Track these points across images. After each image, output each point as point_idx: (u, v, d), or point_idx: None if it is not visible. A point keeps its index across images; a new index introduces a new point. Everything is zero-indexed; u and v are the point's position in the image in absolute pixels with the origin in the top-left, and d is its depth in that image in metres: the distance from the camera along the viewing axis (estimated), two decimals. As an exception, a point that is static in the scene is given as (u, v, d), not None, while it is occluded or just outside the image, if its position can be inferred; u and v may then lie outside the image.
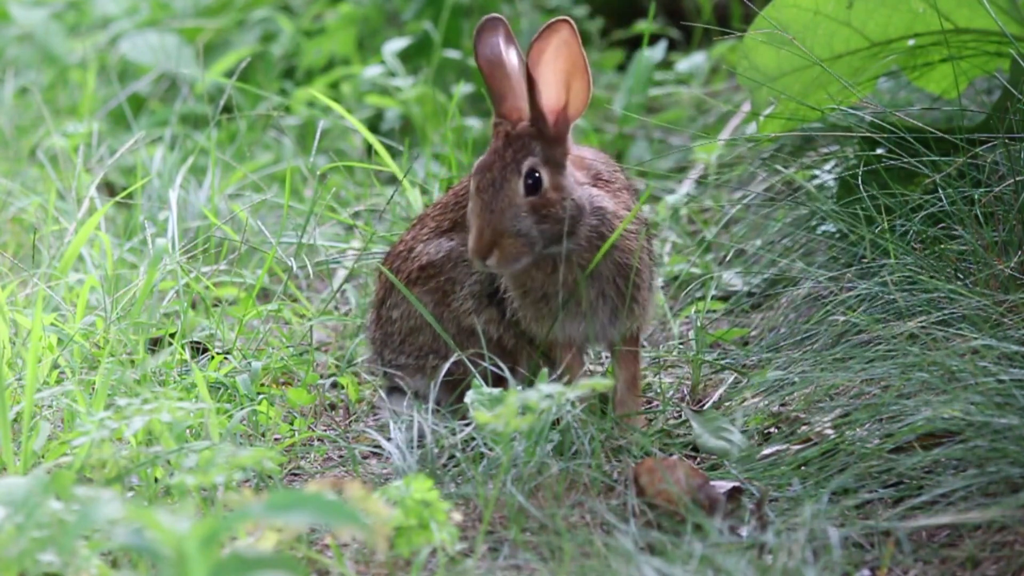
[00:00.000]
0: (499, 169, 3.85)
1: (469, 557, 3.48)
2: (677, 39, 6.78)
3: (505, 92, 3.90)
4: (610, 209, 3.93)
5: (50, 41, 7.06)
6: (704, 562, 3.34)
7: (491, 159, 3.86)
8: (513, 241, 3.83)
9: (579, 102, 3.88)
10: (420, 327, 4.07)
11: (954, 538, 3.50)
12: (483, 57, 3.91)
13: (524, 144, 3.86)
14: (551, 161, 3.87)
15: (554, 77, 3.85)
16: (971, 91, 4.78)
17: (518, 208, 3.84)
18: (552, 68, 3.84)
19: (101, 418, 3.52)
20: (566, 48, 3.83)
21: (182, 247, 4.69)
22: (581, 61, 3.85)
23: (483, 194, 3.84)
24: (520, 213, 3.84)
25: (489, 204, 3.83)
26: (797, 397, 4.02)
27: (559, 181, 3.87)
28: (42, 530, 3.12)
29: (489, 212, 3.82)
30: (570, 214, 3.86)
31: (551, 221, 3.85)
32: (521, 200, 3.84)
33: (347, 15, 6.63)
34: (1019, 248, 4.11)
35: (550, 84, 3.85)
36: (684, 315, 4.68)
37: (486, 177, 3.85)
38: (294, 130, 6.15)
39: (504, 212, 3.83)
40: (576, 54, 3.84)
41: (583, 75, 3.86)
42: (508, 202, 3.83)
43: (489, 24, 3.94)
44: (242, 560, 2.79)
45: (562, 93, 3.87)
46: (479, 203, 3.84)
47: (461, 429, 3.78)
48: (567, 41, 3.83)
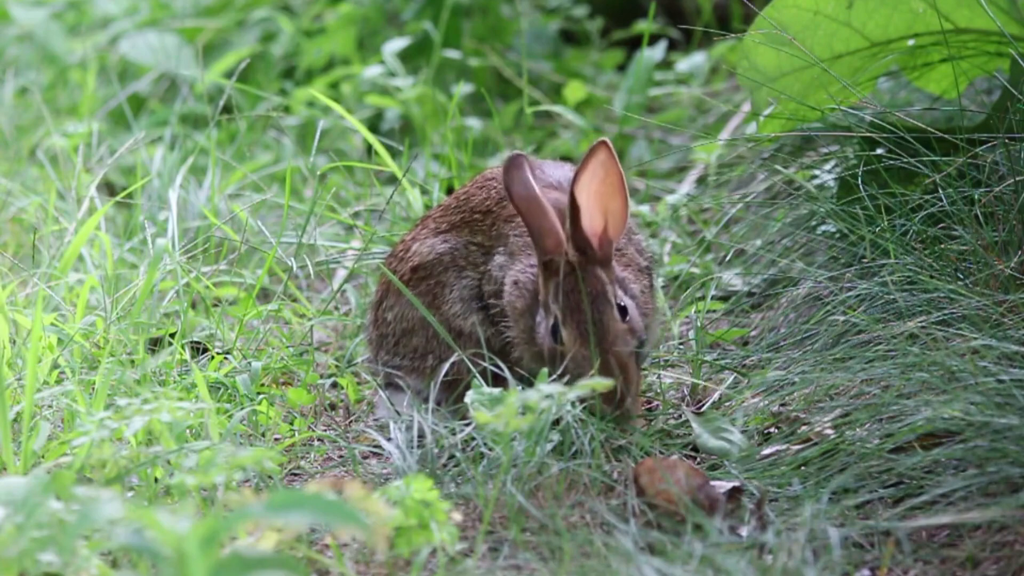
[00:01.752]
0: (591, 305, 3.81)
1: (469, 557, 3.48)
2: (677, 39, 6.77)
3: (545, 227, 3.85)
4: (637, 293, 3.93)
5: (50, 41, 7.05)
6: (704, 562, 3.34)
7: (576, 300, 3.80)
8: (633, 364, 3.83)
9: (619, 222, 3.86)
10: (414, 328, 4.06)
11: (954, 538, 3.50)
12: (518, 196, 3.86)
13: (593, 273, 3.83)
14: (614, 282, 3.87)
15: (590, 201, 3.83)
16: (971, 91, 4.78)
17: (622, 335, 3.82)
18: (588, 193, 3.82)
19: (101, 418, 3.52)
20: (603, 169, 3.81)
21: (182, 247, 4.70)
22: (619, 181, 3.83)
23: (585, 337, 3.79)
24: (626, 339, 3.83)
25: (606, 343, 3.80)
26: (797, 397, 4.02)
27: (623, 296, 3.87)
28: (42, 530, 3.12)
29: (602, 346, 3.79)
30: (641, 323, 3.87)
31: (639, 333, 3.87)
32: (621, 327, 3.83)
33: (347, 15, 6.63)
34: (1019, 248, 4.11)
35: (588, 209, 3.83)
36: (684, 315, 4.68)
37: (584, 320, 3.80)
38: (294, 130, 6.15)
39: (618, 344, 3.81)
40: (614, 174, 3.82)
41: (619, 193, 3.84)
42: (614, 333, 3.81)
43: (515, 163, 3.88)
44: (242, 560, 2.79)
45: (600, 216, 3.84)
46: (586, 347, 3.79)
47: (461, 429, 3.78)
48: (604, 163, 3.81)
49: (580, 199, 3.82)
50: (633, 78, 6.00)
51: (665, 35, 6.63)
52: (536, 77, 6.50)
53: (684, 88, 6.24)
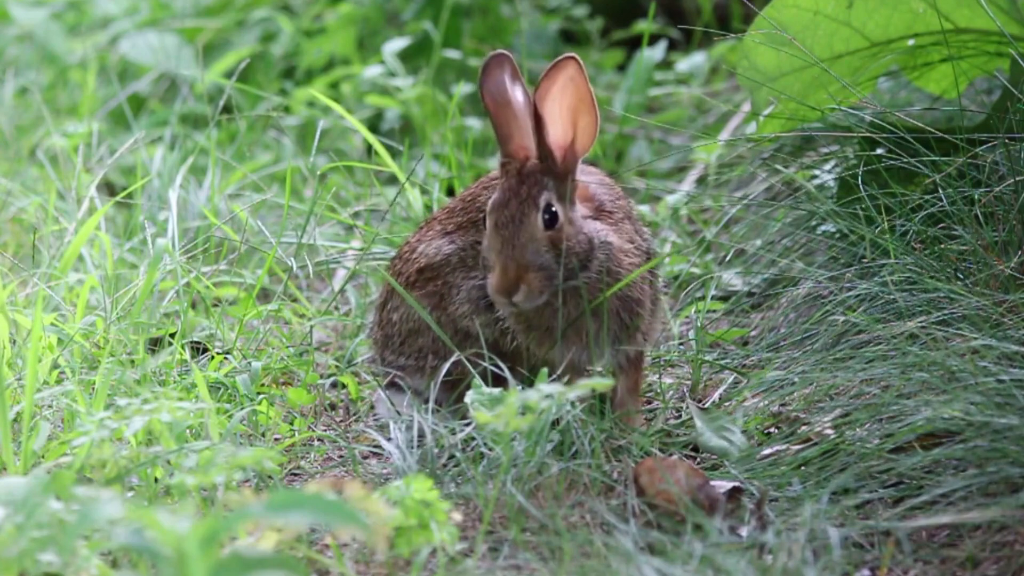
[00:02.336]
0: (516, 205, 3.84)
1: (469, 557, 3.48)
2: (677, 39, 6.77)
3: (512, 131, 3.89)
4: (615, 244, 3.93)
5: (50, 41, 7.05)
6: (704, 562, 3.34)
7: (506, 196, 3.85)
8: (537, 275, 3.82)
9: (587, 137, 3.87)
10: (419, 329, 4.07)
11: (954, 538, 3.50)
12: (489, 95, 3.90)
13: (537, 180, 3.85)
14: (562, 196, 3.87)
15: (561, 114, 3.85)
16: (971, 91, 4.78)
17: (539, 243, 3.83)
18: (559, 105, 3.84)
19: (101, 418, 3.52)
20: (572, 85, 3.83)
21: (182, 247, 4.70)
22: (588, 97, 3.84)
23: (503, 231, 3.83)
24: (541, 248, 3.83)
25: (511, 240, 3.82)
26: (797, 397, 4.02)
27: (571, 216, 3.87)
28: (42, 530, 3.12)
29: (512, 248, 3.82)
30: (582, 248, 3.86)
31: (568, 255, 3.85)
32: (541, 235, 3.83)
33: (347, 15, 6.63)
34: (1019, 248, 4.11)
35: (557, 121, 3.85)
36: (684, 315, 4.68)
37: (504, 213, 3.84)
38: (294, 130, 6.15)
39: (527, 247, 3.82)
40: (583, 90, 3.83)
41: (590, 111, 3.86)
42: (529, 237, 3.82)
43: (495, 61, 3.92)
44: (242, 560, 2.79)
45: (569, 129, 3.86)
46: (499, 239, 3.83)
47: (461, 429, 3.78)
48: (573, 78, 3.82)
49: (547, 110, 3.83)
50: (633, 78, 6.00)
51: (665, 35, 6.63)
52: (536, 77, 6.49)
53: (684, 88, 6.24)
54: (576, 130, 3.87)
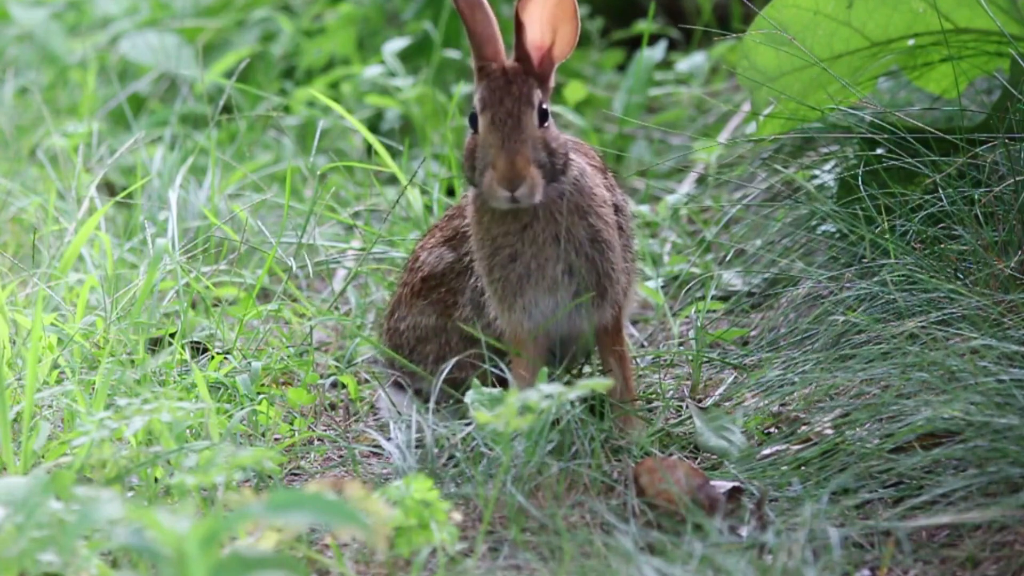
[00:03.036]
0: (511, 102, 3.82)
1: (469, 557, 3.48)
2: (677, 39, 6.77)
3: (487, 34, 3.89)
4: (588, 169, 3.94)
5: (50, 41, 7.05)
6: (704, 562, 3.34)
7: (498, 94, 3.83)
8: (537, 171, 3.81)
9: (565, 43, 3.88)
10: (427, 337, 4.07)
11: (954, 538, 3.50)
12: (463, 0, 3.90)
13: (525, 80, 3.85)
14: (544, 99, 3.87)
15: (541, 17, 3.85)
16: (971, 91, 4.78)
17: (536, 140, 3.82)
18: (541, 9, 3.84)
19: (101, 418, 3.52)
20: None
21: (182, 247, 4.69)
22: (571, 6, 3.85)
23: (502, 127, 3.81)
24: (538, 144, 3.83)
25: (512, 135, 3.80)
26: (797, 397, 4.02)
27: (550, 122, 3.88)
28: (42, 530, 3.12)
29: (516, 142, 3.79)
30: (563, 151, 3.86)
31: (556, 156, 3.84)
32: (537, 132, 3.83)
33: (347, 15, 6.63)
34: (1019, 248, 4.11)
35: (536, 24, 3.85)
36: (684, 315, 4.68)
37: (501, 109, 3.82)
38: (294, 130, 6.15)
39: (527, 142, 3.80)
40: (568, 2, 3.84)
41: (571, 18, 3.86)
42: (529, 133, 3.81)
43: None
44: (242, 560, 2.79)
45: (548, 33, 3.86)
46: (500, 135, 3.80)
47: (461, 429, 3.78)
48: None
49: (528, 13, 3.84)
50: (633, 78, 6.00)
51: (665, 35, 6.63)
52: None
53: (684, 88, 6.24)
54: (556, 36, 3.86)
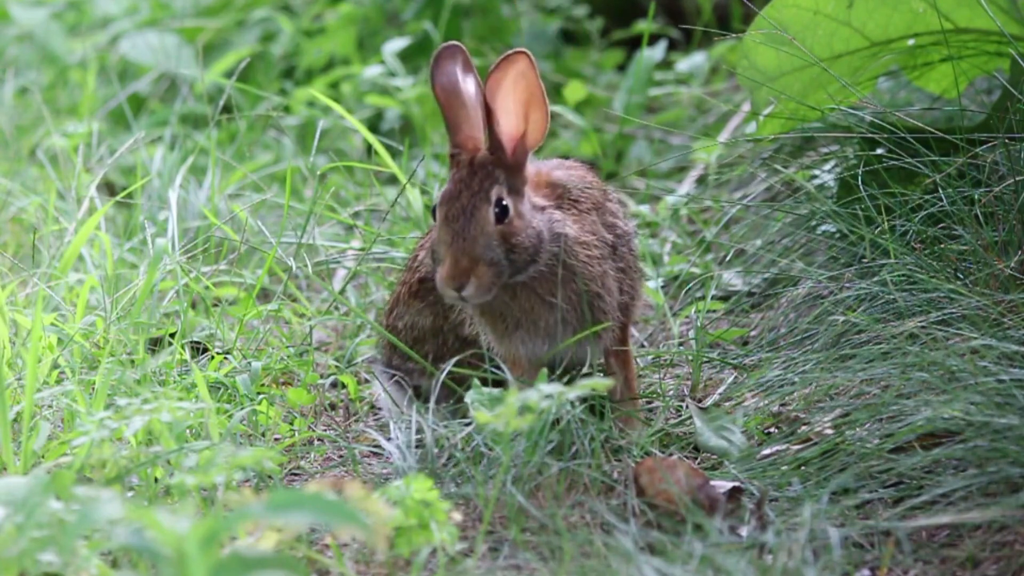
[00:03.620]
0: (468, 197, 3.81)
1: (469, 557, 3.48)
2: (677, 39, 6.77)
3: (461, 121, 3.87)
4: (571, 235, 3.90)
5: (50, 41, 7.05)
6: (704, 562, 3.34)
7: (457, 188, 3.83)
8: (487, 270, 3.79)
9: (537, 131, 3.85)
10: (424, 336, 4.07)
11: (954, 538, 3.50)
12: (440, 85, 3.87)
13: (489, 172, 3.83)
14: (512, 189, 3.84)
15: (513, 106, 3.83)
16: (971, 91, 4.78)
17: (489, 237, 3.80)
18: (511, 98, 3.82)
19: (101, 418, 3.52)
20: (524, 79, 3.81)
21: (182, 247, 4.69)
22: (539, 92, 3.82)
23: (453, 223, 3.80)
24: (492, 242, 3.80)
25: (461, 233, 3.79)
26: (797, 397, 4.02)
27: (520, 209, 3.85)
28: (42, 530, 3.12)
29: (462, 240, 3.79)
30: (532, 242, 3.84)
31: (517, 250, 3.82)
32: (492, 229, 3.80)
33: (347, 15, 6.63)
34: (1019, 248, 4.11)
35: (509, 113, 3.83)
36: (684, 315, 4.68)
37: (455, 206, 3.81)
38: (294, 130, 6.15)
39: (477, 240, 3.79)
40: (534, 85, 3.81)
41: (541, 105, 3.83)
42: (480, 230, 3.79)
43: (447, 52, 3.89)
44: (242, 560, 2.79)
45: (521, 122, 3.84)
46: (450, 232, 3.80)
47: (461, 429, 3.78)
48: (524, 72, 3.80)
49: (498, 101, 3.82)
50: (633, 78, 6.00)
51: (665, 35, 6.63)
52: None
53: (684, 88, 6.24)
54: (528, 123, 3.85)
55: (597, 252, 3.93)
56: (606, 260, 3.96)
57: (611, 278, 3.96)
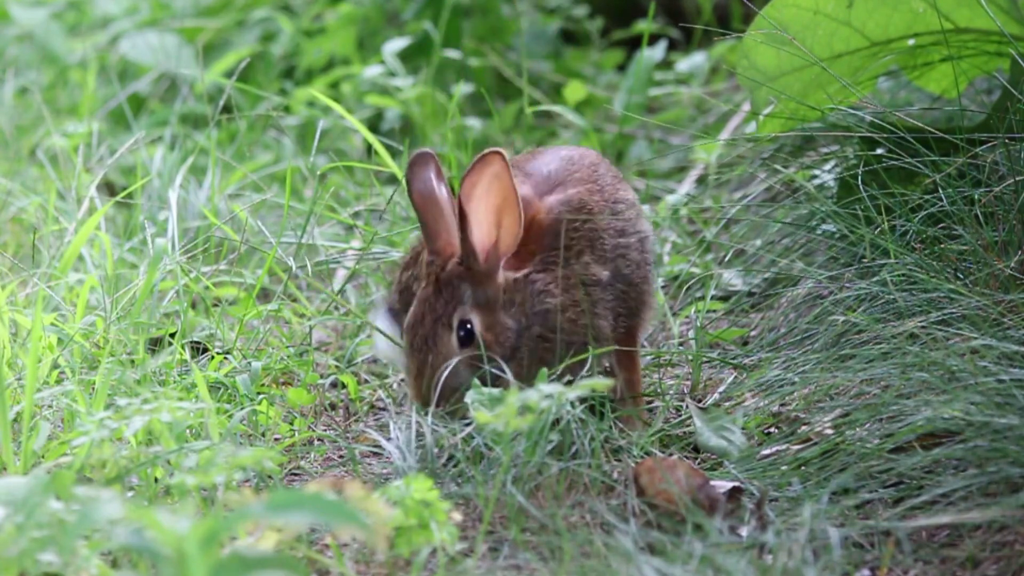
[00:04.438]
0: (431, 324, 3.79)
1: (469, 557, 3.48)
2: (677, 39, 6.78)
3: (439, 229, 3.83)
4: (552, 307, 3.86)
5: (50, 41, 7.05)
6: (704, 562, 3.34)
7: (421, 312, 3.80)
8: (454, 393, 3.78)
9: (510, 238, 3.81)
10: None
11: (954, 538, 3.50)
12: (417, 192, 3.84)
13: (454, 291, 3.80)
14: (483, 303, 3.81)
15: (485, 213, 3.78)
16: (971, 91, 4.78)
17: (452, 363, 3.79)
18: (484, 204, 3.77)
19: (101, 418, 3.52)
20: (498, 182, 3.76)
21: (182, 247, 4.69)
22: (512, 195, 3.77)
23: (417, 353, 3.79)
24: (457, 368, 3.78)
25: (425, 363, 3.78)
26: (797, 397, 4.02)
27: (494, 320, 3.81)
28: (42, 530, 3.12)
29: (427, 370, 3.78)
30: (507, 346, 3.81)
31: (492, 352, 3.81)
32: (455, 354, 3.79)
33: (347, 15, 6.63)
34: (1019, 248, 4.11)
35: (481, 221, 3.78)
36: (684, 315, 4.68)
37: (418, 334, 3.80)
38: (294, 130, 6.15)
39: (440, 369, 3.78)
40: (507, 187, 3.76)
41: (514, 209, 3.78)
42: (443, 359, 3.78)
43: (420, 159, 3.85)
44: (242, 560, 2.79)
45: (493, 229, 3.79)
46: (415, 363, 3.79)
47: (461, 429, 3.78)
48: (499, 174, 3.75)
49: (472, 209, 3.77)
50: (633, 78, 6.00)
51: (665, 35, 6.63)
52: (536, 77, 6.50)
53: (684, 88, 6.24)
54: (500, 230, 3.80)
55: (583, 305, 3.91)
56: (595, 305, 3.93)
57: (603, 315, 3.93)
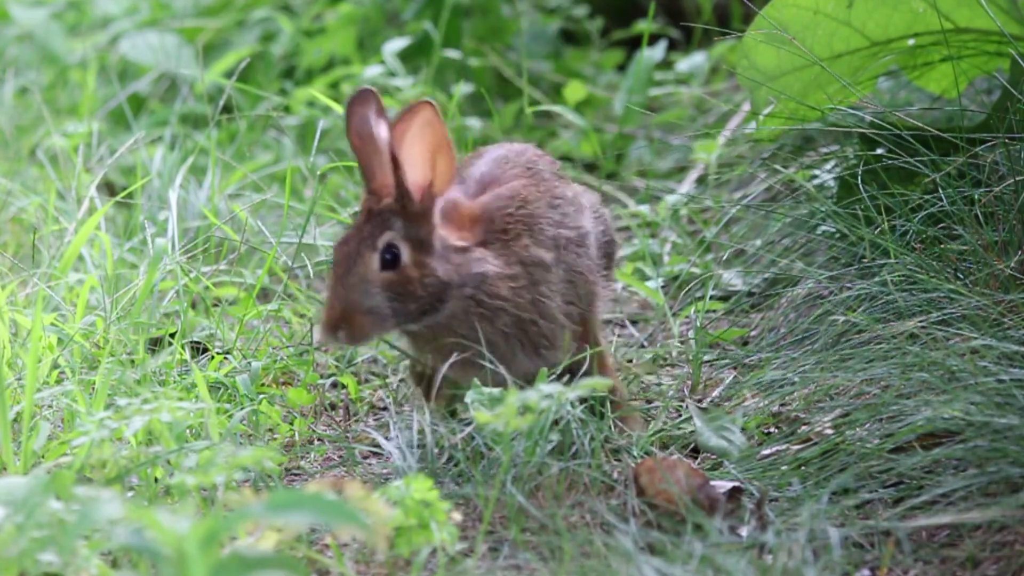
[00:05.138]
0: (355, 244, 3.79)
1: (469, 557, 3.48)
2: (677, 39, 6.78)
3: (375, 168, 3.83)
4: (491, 273, 3.86)
5: (50, 41, 7.05)
6: (704, 562, 3.34)
7: (349, 234, 3.82)
8: (363, 318, 3.77)
9: (444, 179, 3.83)
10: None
11: (954, 538, 3.50)
12: (354, 131, 3.84)
13: (384, 220, 3.80)
14: (415, 238, 3.81)
15: (419, 156, 3.80)
16: (971, 91, 4.78)
17: (370, 284, 3.77)
18: (417, 147, 3.79)
19: (101, 418, 3.52)
20: (429, 128, 3.78)
21: (182, 247, 4.70)
22: (445, 140, 3.79)
23: (337, 268, 3.79)
24: (371, 289, 3.78)
25: (341, 279, 3.78)
26: (797, 397, 4.02)
27: (422, 259, 3.81)
28: (42, 530, 3.12)
29: (340, 287, 3.78)
30: (431, 291, 3.81)
31: (408, 298, 3.80)
32: (375, 276, 3.78)
33: (347, 15, 6.64)
34: (1019, 248, 4.11)
35: (415, 162, 3.80)
36: (684, 315, 4.68)
37: (342, 251, 3.80)
38: (294, 130, 6.15)
39: (355, 288, 3.77)
40: (440, 133, 3.79)
41: (447, 153, 3.80)
42: (360, 278, 3.77)
43: (360, 97, 3.84)
44: (242, 560, 2.79)
45: (427, 170, 3.81)
46: (333, 277, 3.80)
47: (461, 429, 3.78)
48: (430, 121, 3.77)
49: (404, 151, 3.79)
50: (633, 78, 6.00)
51: (665, 35, 6.63)
52: (536, 77, 6.50)
53: (684, 88, 6.24)
54: (435, 172, 3.82)
55: (525, 280, 3.92)
56: (539, 284, 3.94)
57: (548, 298, 3.93)
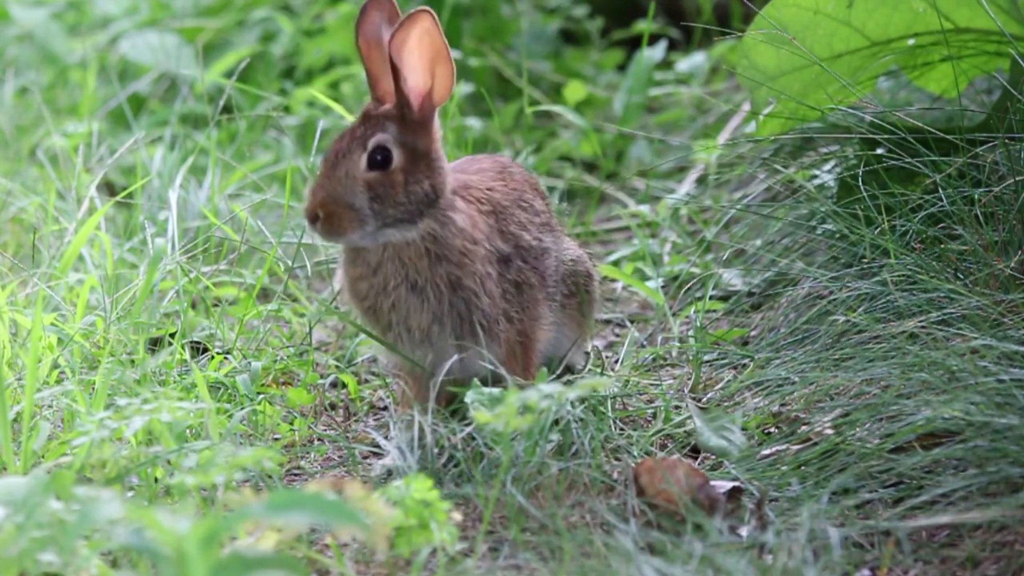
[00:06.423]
0: (347, 142, 3.85)
1: (469, 557, 3.48)
2: (677, 39, 6.77)
3: (380, 74, 3.89)
4: (457, 223, 3.90)
5: (50, 41, 7.05)
6: (704, 562, 3.34)
7: (344, 132, 3.88)
8: (343, 212, 3.82)
9: (443, 88, 3.87)
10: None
11: (954, 538, 3.50)
12: (363, 37, 3.89)
13: (379, 122, 3.86)
14: (409, 145, 3.85)
15: (419, 63, 3.85)
16: (971, 91, 4.78)
17: (355, 181, 3.82)
18: (416, 55, 3.84)
19: (101, 418, 3.52)
20: (428, 37, 3.83)
21: (182, 247, 4.69)
22: (444, 49, 3.85)
23: (327, 161, 3.85)
24: (356, 186, 3.83)
25: (329, 171, 3.83)
26: (797, 397, 4.02)
27: (413, 167, 3.85)
28: (42, 530, 3.12)
29: (326, 178, 3.83)
30: (414, 199, 3.84)
31: (389, 202, 3.83)
32: (361, 174, 3.83)
33: (347, 15, 6.64)
34: (1019, 248, 4.11)
35: (415, 69, 3.85)
36: (684, 315, 4.68)
37: (334, 147, 3.86)
38: (294, 130, 6.15)
39: (340, 182, 3.82)
40: (439, 42, 3.83)
41: (446, 62, 3.85)
42: (347, 173, 3.82)
43: (374, 4, 3.90)
44: (242, 560, 2.79)
45: (427, 78, 3.86)
46: (321, 169, 3.86)
47: (461, 429, 3.78)
48: (429, 30, 3.82)
49: (404, 59, 3.83)
50: (633, 78, 6.00)
51: (665, 35, 6.63)
52: (536, 77, 6.50)
53: (684, 88, 6.24)
54: (434, 79, 3.86)
55: (483, 251, 3.92)
56: (491, 264, 3.94)
57: (493, 283, 3.93)
